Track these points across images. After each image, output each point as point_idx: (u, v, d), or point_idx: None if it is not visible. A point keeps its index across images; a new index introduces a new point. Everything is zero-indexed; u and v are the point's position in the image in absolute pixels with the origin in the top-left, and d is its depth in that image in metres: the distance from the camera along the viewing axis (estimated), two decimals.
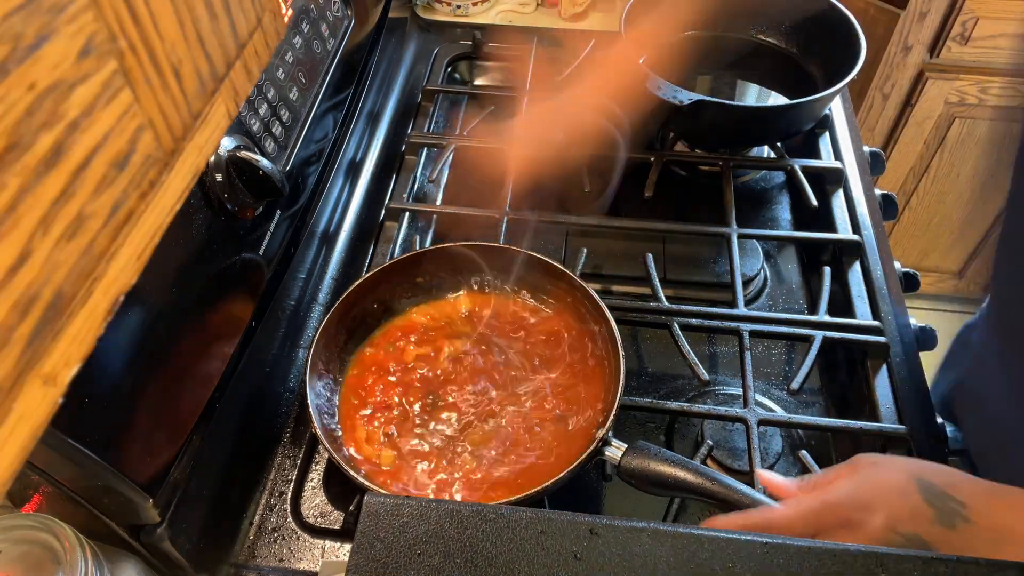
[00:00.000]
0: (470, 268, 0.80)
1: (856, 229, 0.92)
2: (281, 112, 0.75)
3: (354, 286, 0.75)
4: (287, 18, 0.78)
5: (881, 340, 0.79)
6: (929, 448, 0.73)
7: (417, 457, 0.68)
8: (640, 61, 0.96)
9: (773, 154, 1.03)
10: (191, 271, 0.60)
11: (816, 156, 1.02)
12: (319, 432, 0.65)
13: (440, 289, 0.81)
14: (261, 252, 0.72)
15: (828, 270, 0.86)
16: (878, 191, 0.98)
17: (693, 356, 0.77)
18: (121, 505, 0.56)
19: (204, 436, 0.63)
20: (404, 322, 0.79)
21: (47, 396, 0.24)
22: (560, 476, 0.61)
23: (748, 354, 0.77)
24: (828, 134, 1.05)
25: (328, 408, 0.70)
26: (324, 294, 0.87)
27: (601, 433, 0.64)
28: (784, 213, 1.00)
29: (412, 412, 0.71)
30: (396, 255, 0.88)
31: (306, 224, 0.83)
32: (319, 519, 0.71)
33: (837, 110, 1.07)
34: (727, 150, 1.01)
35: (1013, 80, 1.52)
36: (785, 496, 0.58)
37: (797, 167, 0.97)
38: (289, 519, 0.70)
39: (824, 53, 1.03)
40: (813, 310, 0.84)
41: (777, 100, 1.05)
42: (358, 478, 0.62)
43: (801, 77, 1.05)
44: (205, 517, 0.64)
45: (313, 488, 0.73)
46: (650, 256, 0.86)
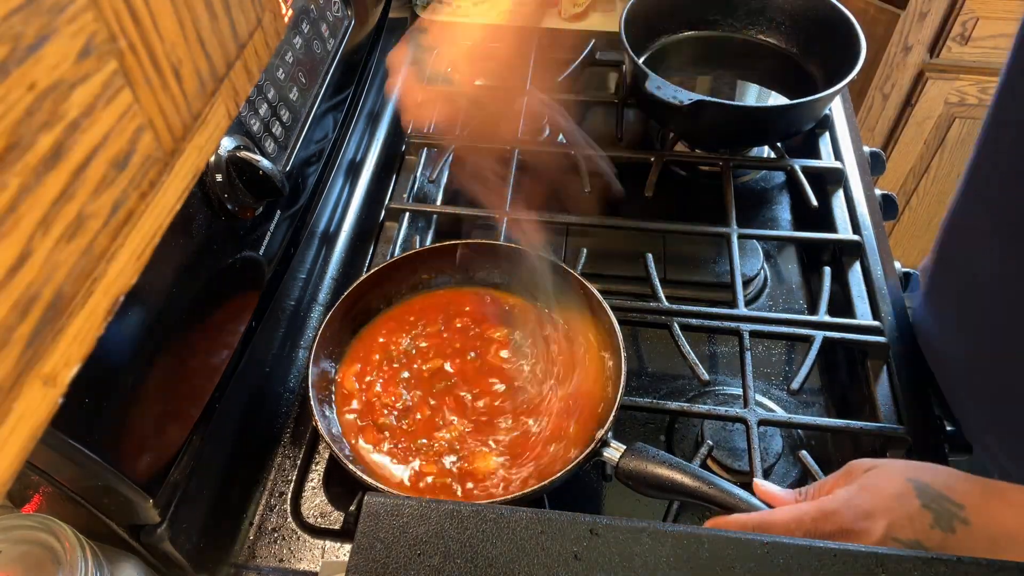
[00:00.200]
0: (471, 266, 0.80)
1: (856, 229, 0.92)
2: (281, 112, 0.75)
3: (356, 284, 0.76)
4: (287, 18, 0.78)
5: (881, 340, 0.79)
6: (929, 448, 0.73)
7: (417, 455, 0.68)
8: (640, 61, 0.96)
9: (773, 154, 1.03)
10: (191, 271, 0.60)
11: (816, 156, 1.02)
12: (321, 430, 0.65)
13: (441, 286, 0.81)
14: (261, 252, 0.72)
15: (828, 270, 0.86)
16: (878, 191, 0.98)
17: (693, 356, 0.77)
18: (121, 505, 0.56)
19: (204, 436, 0.63)
20: (404, 318, 0.79)
21: (47, 396, 0.24)
22: (559, 475, 0.61)
23: (748, 354, 0.77)
24: (828, 134, 1.05)
25: (329, 407, 0.70)
26: (324, 294, 0.87)
27: (600, 433, 0.64)
28: (784, 213, 1.00)
29: (412, 408, 0.71)
30: (396, 255, 0.88)
31: (306, 224, 0.83)
32: (319, 519, 0.71)
33: (837, 110, 1.07)
34: (727, 150, 1.01)
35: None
36: (782, 506, 0.58)
37: (797, 167, 0.97)
38: (289, 519, 0.70)
39: (824, 53, 1.03)
40: (813, 310, 0.84)
41: (777, 100, 1.05)
42: (360, 474, 0.62)
43: (801, 77, 1.05)
44: (205, 517, 0.64)
45: (313, 488, 0.73)
46: (650, 256, 0.86)
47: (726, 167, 0.97)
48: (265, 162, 0.65)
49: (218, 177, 0.63)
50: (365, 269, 0.90)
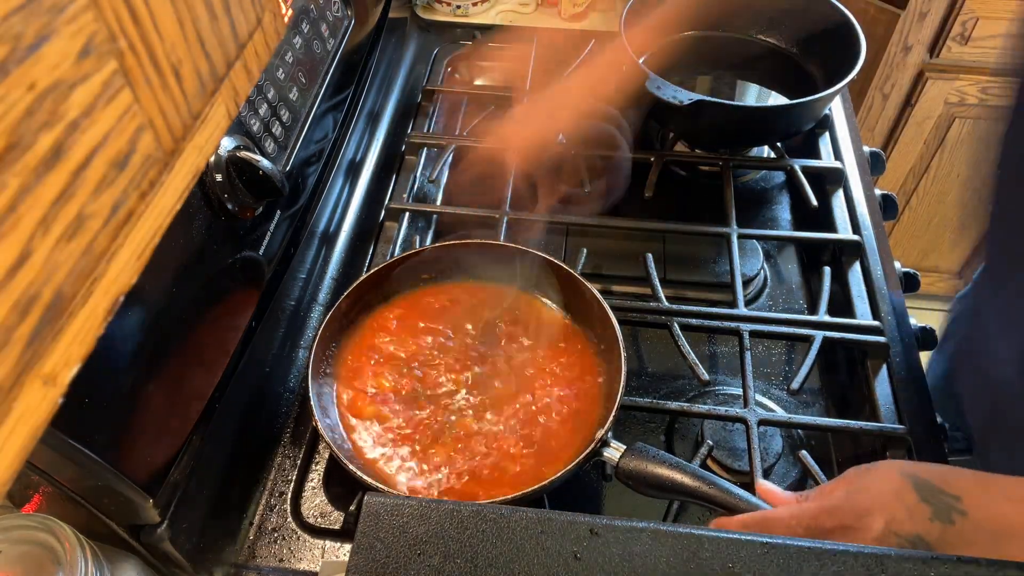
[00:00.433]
0: (472, 265, 0.80)
1: (856, 229, 0.92)
2: (281, 112, 0.75)
3: (356, 284, 0.76)
4: (287, 18, 0.78)
5: (881, 340, 0.79)
6: (929, 448, 0.73)
7: (417, 453, 0.68)
8: (640, 61, 0.96)
9: (773, 154, 1.02)
10: (191, 271, 0.60)
11: (816, 156, 1.02)
12: (321, 430, 0.65)
13: (441, 284, 0.81)
14: (261, 252, 0.72)
15: (828, 270, 0.86)
16: (878, 191, 0.98)
17: (693, 356, 0.77)
18: (121, 505, 0.56)
19: (204, 436, 0.63)
20: (405, 318, 0.79)
21: (47, 396, 0.24)
22: (559, 475, 0.61)
23: (748, 354, 0.77)
24: (828, 134, 1.05)
25: (329, 406, 0.70)
26: (324, 294, 0.87)
27: (600, 433, 0.64)
28: (784, 213, 1.00)
29: (413, 408, 0.71)
30: (396, 255, 0.88)
31: (306, 224, 0.83)
32: (319, 519, 0.71)
33: (837, 110, 1.07)
34: (727, 150, 1.01)
35: (1010, 80, 1.52)
36: (783, 506, 0.58)
37: (797, 167, 0.97)
38: (289, 519, 0.70)
39: (824, 53, 1.03)
40: (813, 310, 0.84)
41: (777, 100, 1.05)
42: (360, 474, 0.62)
43: (801, 77, 1.05)
44: (205, 517, 0.64)
45: (313, 488, 0.73)
46: (650, 256, 0.86)
47: (726, 167, 0.97)
48: (265, 162, 0.65)
49: (218, 177, 0.63)
50: (365, 269, 0.90)
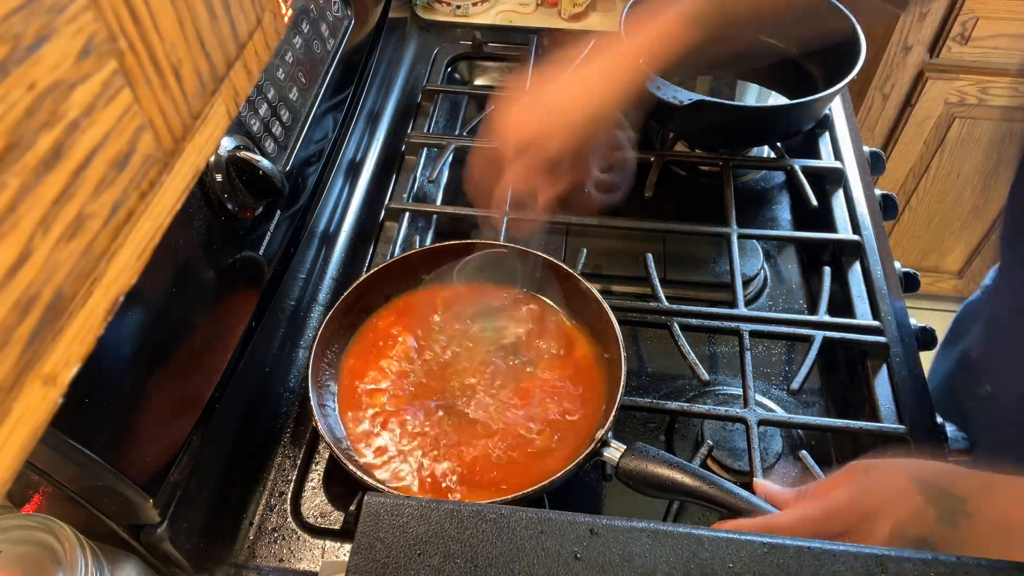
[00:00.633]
0: (472, 265, 0.80)
1: (856, 229, 0.92)
2: (281, 112, 0.75)
3: (355, 284, 0.76)
4: (287, 18, 0.78)
5: (881, 340, 0.79)
6: (929, 448, 0.73)
7: (416, 452, 0.68)
8: (640, 61, 0.96)
9: (773, 154, 1.02)
10: (191, 271, 0.60)
11: (816, 156, 1.02)
12: (321, 430, 0.65)
13: (441, 284, 0.81)
14: (261, 252, 0.72)
15: (828, 270, 0.86)
16: (878, 191, 0.98)
17: (693, 356, 0.77)
18: (121, 505, 0.56)
19: (204, 436, 0.63)
20: (405, 318, 0.79)
21: (47, 396, 0.24)
22: (559, 475, 0.61)
23: (748, 354, 0.77)
24: (828, 134, 1.05)
25: (329, 406, 0.70)
26: (324, 294, 0.87)
27: (600, 433, 0.64)
28: (784, 213, 1.00)
29: (413, 408, 0.71)
30: (396, 255, 0.88)
31: (306, 224, 0.83)
32: (319, 519, 0.71)
33: (837, 110, 1.07)
34: (727, 150, 1.01)
35: (1014, 80, 1.52)
36: (783, 505, 0.58)
37: (797, 167, 0.97)
38: (289, 519, 0.70)
39: (824, 53, 1.03)
40: (813, 310, 0.84)
41: (777, 100, 1.05)
42: (360, 474, 0.62)
43: (801, 77, 1.05)
44: (205, 517, 0.64)
45: (313, 488, 0.73)
46: (650, 256, 0.86)
47: (726, 167, 0.97)
48: (265, 162, 0.65)
49: (218, 177, 0.63)
50: (365, 269, 0.90)
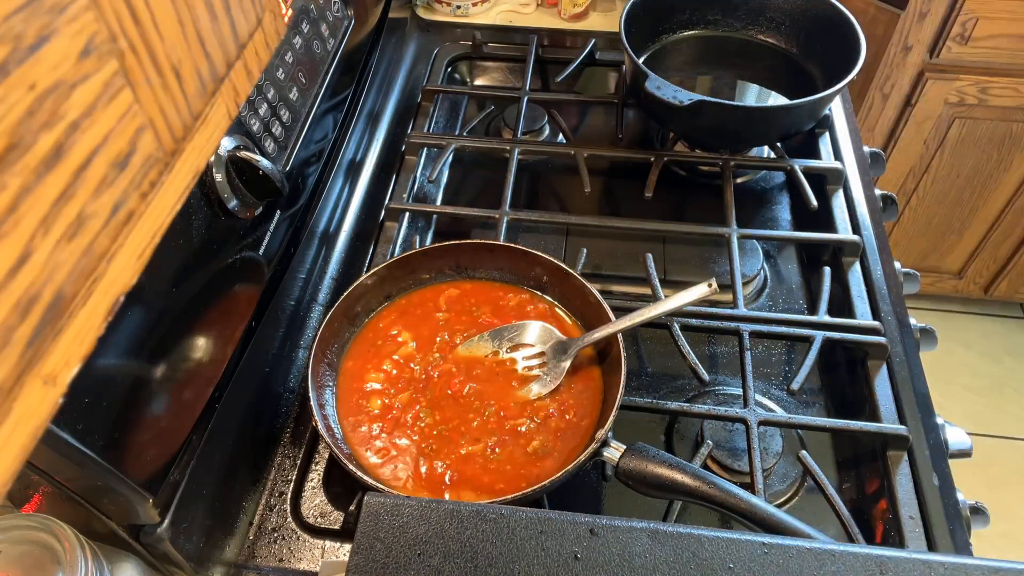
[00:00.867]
0: (472, 265, 0.80)
1: (856, 229, 0.92)
2: (281, 112, 0.75)
3: (355, 284, 0.76)
4: (287, 18, 0.78)
5: (881, 340, 0.79)
6: (929, 448, 0.73)
7: (416, 452, 0.68)
8: (640, 61, 0.96)
9: (773, 154, 1.02)
10: (191, 271, 0.60)
11: (816, 156, 1.02)
12: (321, 430, 0.65)
13: (441, 284, 0.81)
14: (261, 252, 0.72)
15: (828, 270, 0.86)
16: (878, 191, 0.98)
17: (693, 356, 0.77)
18: (121, 505, 0.56)
19: (204, 436, 0.63)
20: (405, 318, 0.79)
21: (47, 396, 0.24)
22: (559, 475, 0.61)
23: (748, 354, 0.77)
24: (828, 134, 1.05)
25: (329, 407, 0.70)
26: (324, 294, 0.87)
27: (600, 433, 0.64)
28: (784, 213, 1.00)
29: (413, 408, 0.71)
30: (396, 255, 0.88)
31: (306, 224, 0.83)
32: (319, 519, 0.71)
33: (837, 110, 1.07)
34: (727, 150, 1.01)
35: (1013, 80, 1.52)
36: None
37: (797, 167, 0.97)
38: (289, 519, 0.70)
39: (824, 53, 1.03)
40: (813, 310, 0.84)
41: (777, 100, 1.05)
42: (360, 474, 0.62)
43: (801, 77, 1.05)
44: (205, 517, 0.64)
45: (313, 488, 0.73)
46: (650, 256, 0.86)
47: (726, 167, 0.97)
48: (265, 162, 0.65)
49: (218, 177, 0.63)
50: (365, 269, 0.90)
